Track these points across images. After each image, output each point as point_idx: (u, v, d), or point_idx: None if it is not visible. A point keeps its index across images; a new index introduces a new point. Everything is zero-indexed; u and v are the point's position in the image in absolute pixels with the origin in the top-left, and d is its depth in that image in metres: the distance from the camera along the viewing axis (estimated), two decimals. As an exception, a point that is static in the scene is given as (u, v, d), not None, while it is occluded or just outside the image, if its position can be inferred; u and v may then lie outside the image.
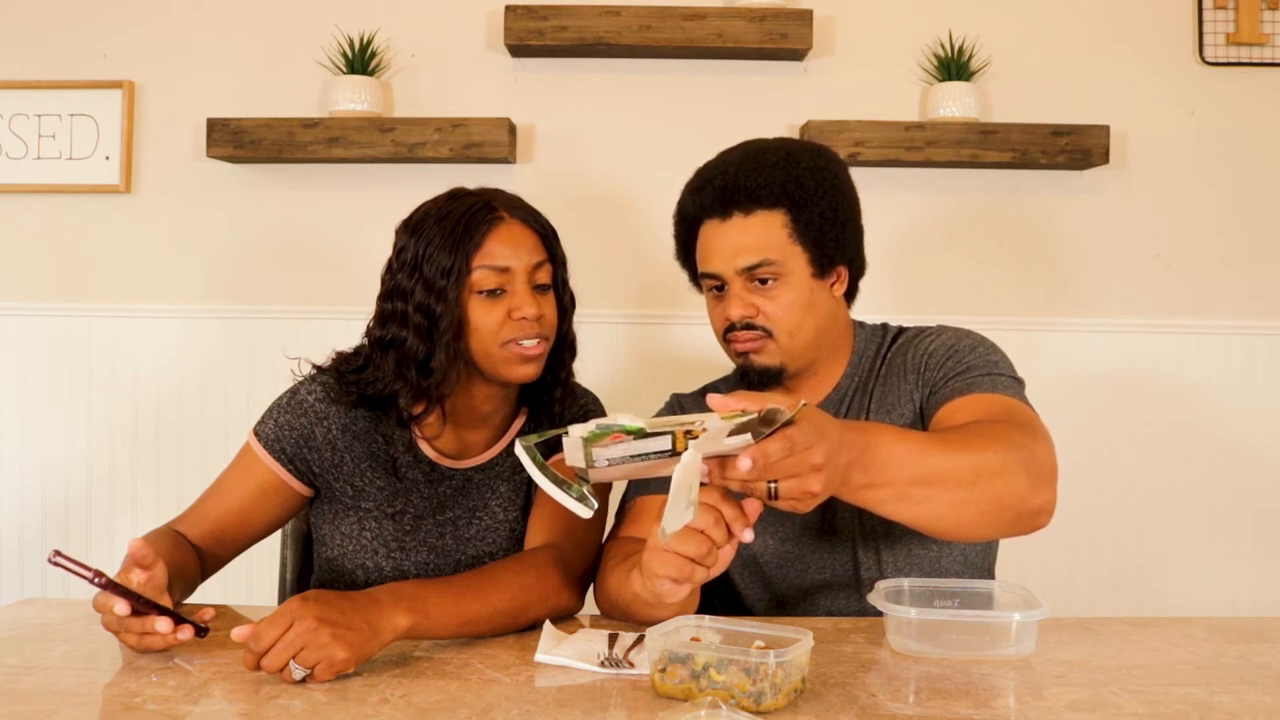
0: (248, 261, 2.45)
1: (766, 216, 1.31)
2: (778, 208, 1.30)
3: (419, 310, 1.28)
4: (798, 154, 1.33)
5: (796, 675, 0.97)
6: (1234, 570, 2.44)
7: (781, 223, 1.31)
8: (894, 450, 1.04)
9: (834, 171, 1.34)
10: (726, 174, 1.33)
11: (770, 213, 1.31)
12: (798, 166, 1.31)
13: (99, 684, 1.03)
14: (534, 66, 2.43)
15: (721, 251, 1.32)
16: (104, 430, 2.46)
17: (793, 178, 1.30)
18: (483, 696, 0.99)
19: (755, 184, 1.30)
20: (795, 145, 1.37)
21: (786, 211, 1.30)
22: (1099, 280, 2.44)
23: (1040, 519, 1.12)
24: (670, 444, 0.91)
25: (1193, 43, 2.44)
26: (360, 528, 1.37)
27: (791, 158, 1.32)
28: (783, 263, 1.30)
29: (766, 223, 1.31)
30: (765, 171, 1.31)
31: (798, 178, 1.30)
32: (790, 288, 1.31)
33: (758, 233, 1.30)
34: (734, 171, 1.32)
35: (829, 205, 1.31)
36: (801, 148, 1.36)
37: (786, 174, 1.31)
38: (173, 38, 2.44)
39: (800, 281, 1.31)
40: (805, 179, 1.31)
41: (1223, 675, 1.07)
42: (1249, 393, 2.44)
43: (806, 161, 1.32)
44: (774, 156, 1.33)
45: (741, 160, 1.34)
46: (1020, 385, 1.29)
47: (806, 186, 1.30)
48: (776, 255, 1.30)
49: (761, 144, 1.37)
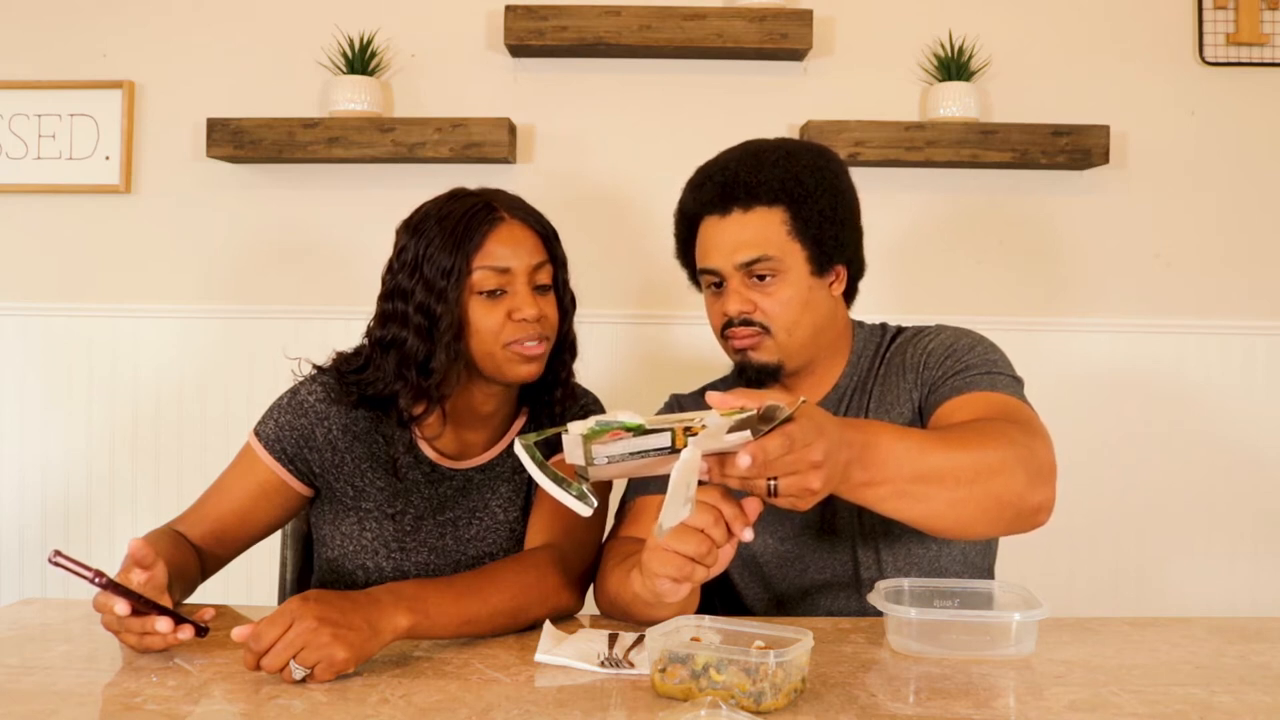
0: (248, 261, 2.45)
1: (766, 213, 1.31)
2: (777, 204, 1.31)
3: (419, 311, 1.28)
4: (797, 152, 1.34)
5: (796, 675, 0.97)
6: (1234, 570, 2.44)
7: (781, 219, 1.31)
8: (893, 448, 1.04)
9: (834, 170, 1.35)
10: (726, 170, 1.33)
11: (769, 209, 1.31)
12: (797, 164, 1.32)
13: (99, 684, 1.03)
14: (534, 66, 2.43)
15: (720, 247, 1.33)
16: (104, 430, 2.46)
17: (792, 175, 1.31)
18: (483, 696, 0.99)
19: (755, 180, 1.31)
20: (795, 144, 1.37)
21: (786, 208, 1.31)
22: (1099, 280, 2.44)
23: (1039, 517, 1.12)
24: (670, 441, 0.91)
25: (1193, 43, 2.44)
26: (360, 528, 1.37)
27: (791, 156, 1.33)
28: (781, 259, 1.30)
29: (765, 219, 1.31)
30: (765, 168, 1.31)
31: (797, 175, 1.31)
32: (788, 284, 1.31)
33: (757, 229, 1.31)
34: (734, 168, 1.33)
35: (828, 203, 1.32)
36: (802, 146, 1.37)
37: (786, 171, 1.31)
38: (173, 38, 2.44)
39: (798, 278, 1.32)
40: (805, 176, 1.31)
41: (1223, 675, 1.07)
42: (1249, 393, 2.44)
43: (806, 160, 1.33)
44: (774, 154, 1.33)
45: (741, 157, 1.34)
46: (1019, 384, 1.29)
47: (806, 184, 1.31)
48: (775, 251, 1.30)
49: (762, 143, 1.37)
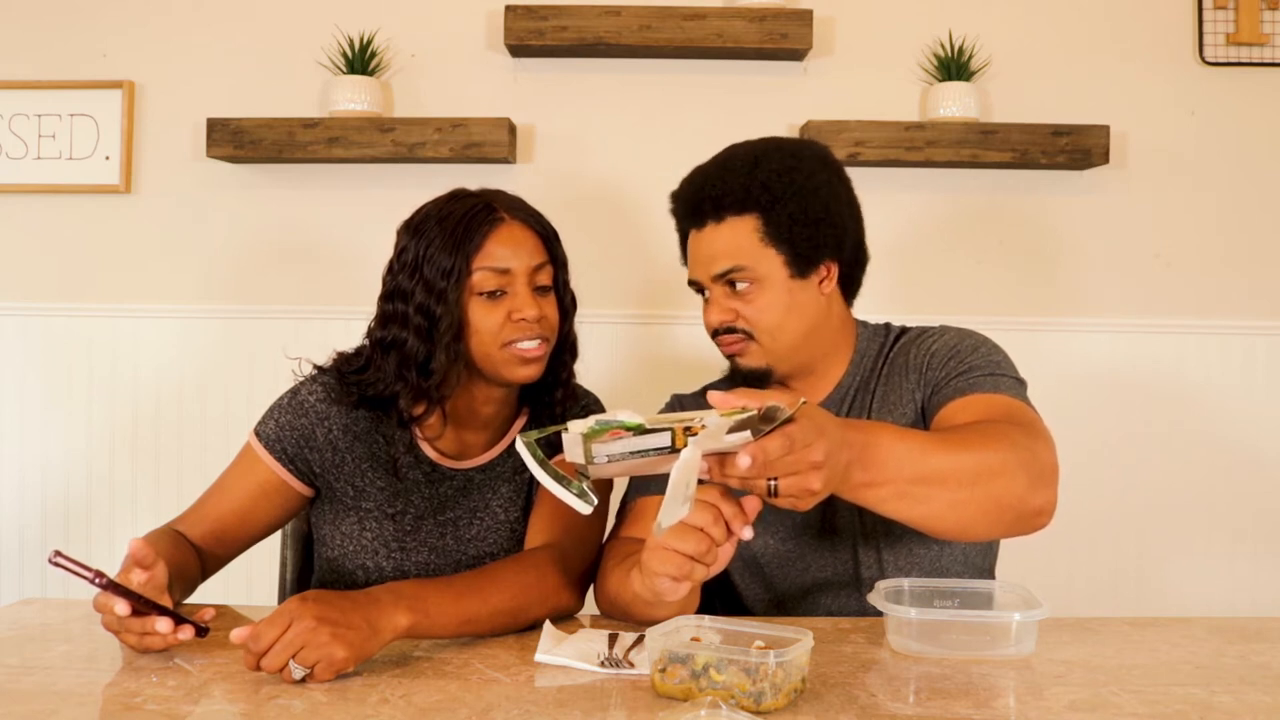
0: (248, 261, 2.45)
1: (736, 222, 1.31)
2: (747, 213, 1.31)
3: (419, 312, 1.28)
4: (766, 156, 1.33)
5: (796, 675, 0.97)
6: (1234, 570, 2.44)
7: (753, 227, 1.31)
8: (894, 449, 1.04)
9: (805, 170, 1.32)
10: (695, 184, 1.35)
11: (739, 218, 1.31)
12: (765, 170, 1.31)
13: (99, 684, 1.03)
14: (534, 66, 2.43)
15: (698, 259, 1.35)
16: (104, 430, 2.46)
17: (758, 182, 1.30)
18: (483, 696, 0.99)
19: (720, 192, 1.31)
20: (769, 147, 1.35)
21: (757, 215, 1.31)
22: (1099, 280, 2.44)
23: (1040, 519, 1.12)
24: (670, 440, 0.91)
25: (1193, 43, 2.44)
26: (361, 528, 1.37)
27: (760, 161, 1.32)
28: (753, 267, 1.30)
29: (736, 229, 1.31)
30: (731, 178, 1.32)
31: (763, 181, 1.30)
32: (765, 291, 1.31)
33: (728, 239, 1.31)
34: (700, 181, 1.34)
35: (797, 206, 1.30)
36: (773, 148, 1.35)
37: (751, 179, 1.31)
38: (173, 38, 2.44)
39: (776, 284, 1.31)
40: (771, 182, 1.30)
41: (1223, 675, 1.07)
42: (1249, 393, 2.44)
43: (775, 163, 1.32)
44: (742, 162, 1.33)
45: (711, 169, 1.35)
46: (1022, 386, 1.29)
47: (773, 189, 1.30)
48: (747, 261, 1.30)
49: (735, 149, 1.37)
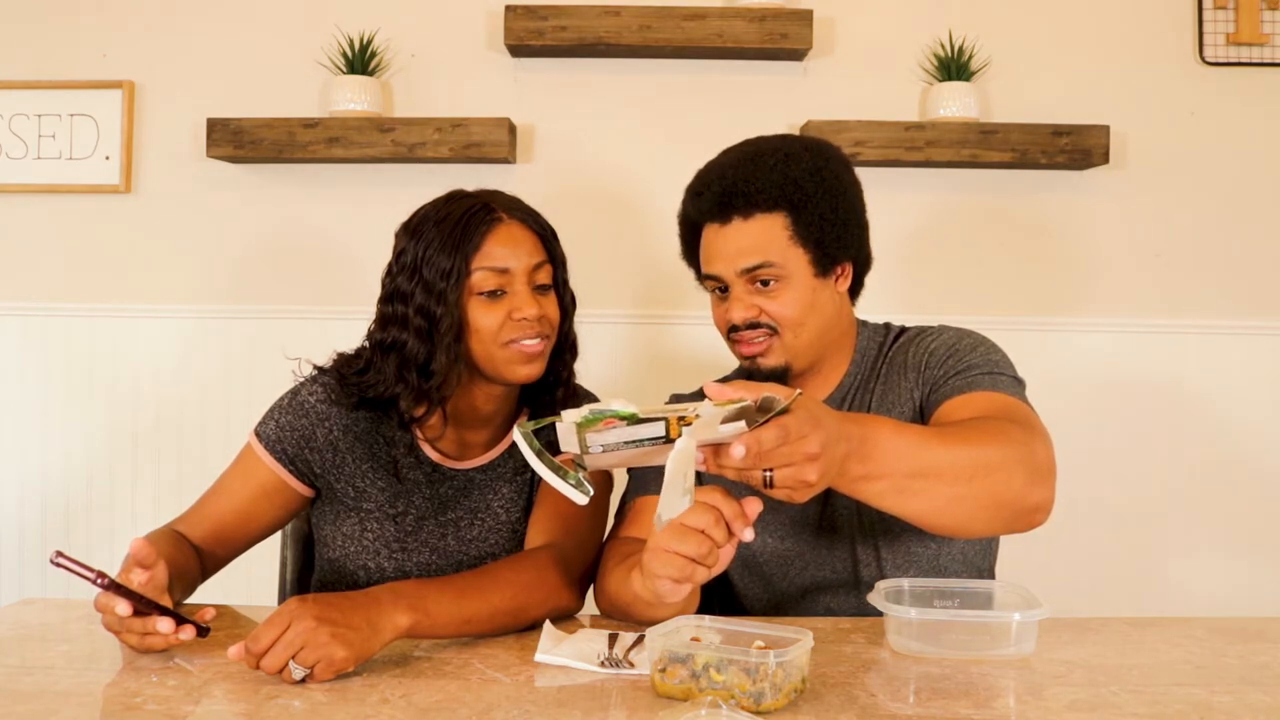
0: (248, 262, 2.45)
1: (766, 219, 1.31)
2: (777, 210, 1.30)
3: (419, 313, 1.28)
4: (797, 154, 1.33)
5: (796, 675, 0.97)
6: (1234, 570, 2.44)
7: (782, 225, 1.30)
8: (892, 442, 1.03)
9: (833, 170, 1.34)
10: (724, 178, 1.32)
11: (769, 215, 1.30)
12: (796, 168, 1.31)
13: (99, 684, 1.03)
14: (534, 66, 2.43)
15: (722, 255, 1.33)
16: (104, 430, 2.46)
17: (791, 180, 1.30)
18: (483, 696, 0.99)
19: (753, 188, 1.30)
20: (795, 144, 1.36)
21: (786, 213, 1.30)
22: (1099, 280, 2.44)
23: (1037, 516, 1.12)
24: (664, 430, 0.92)
25: (1193, 43, 2.43)
26: (362, 529, 1.37)
27: (790, 158, 1.32)
28: (783, 264, 1.30)
29: (766, 226, 1.30)
30: (763, 174, 1.30)
31: (796, 179, 1.30)
32: (791, 288, 1.31)
33: (757, 236, 1.30)
34: (731, 176, 1.32)
35: (828, 206, 1.31)
36: (802, 146, 1.35)
37: (785, 176, 1.30)
38: (173, 38, 2.44)
39: (802, 281, 1.31)
40: (804, 180, 1.30)
41: (1223, 675, 1.07)
42: (1249, 392, 2.44)
43: (806, 162, 1.32)
44: (772, 159, 1.32)
45: (739, 163, 1.33)
46: (1021, 385, 1.29)
47: (805, 188, 1.30)
48: (777, 258, 1.30)
49: (760, 144, 1.36)
